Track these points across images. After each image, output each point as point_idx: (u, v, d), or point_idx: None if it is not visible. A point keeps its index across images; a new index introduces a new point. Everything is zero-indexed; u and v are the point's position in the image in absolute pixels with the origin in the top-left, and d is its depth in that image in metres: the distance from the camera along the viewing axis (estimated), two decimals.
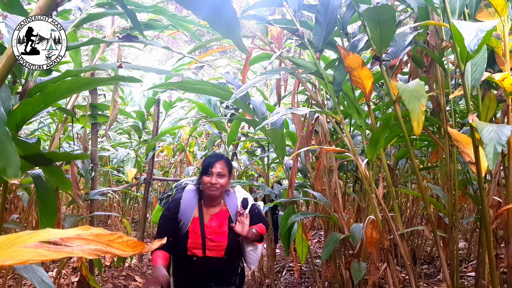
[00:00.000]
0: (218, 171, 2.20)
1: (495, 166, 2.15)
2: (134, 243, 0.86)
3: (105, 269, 4.70)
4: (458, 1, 1.87)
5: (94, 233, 0.86)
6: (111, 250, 0.84)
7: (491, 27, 1.35)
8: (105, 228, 6.68)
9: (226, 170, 2.24)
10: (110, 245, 0.84)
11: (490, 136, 1.40)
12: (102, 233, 0.87)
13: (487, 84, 2.31)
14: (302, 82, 2.76)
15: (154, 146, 5.03)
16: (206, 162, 2.26)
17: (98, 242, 0.83)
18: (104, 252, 0.84)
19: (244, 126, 5.16)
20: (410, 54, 2.46)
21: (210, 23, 1.08)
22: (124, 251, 0.86)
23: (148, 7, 1.68)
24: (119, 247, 0.85)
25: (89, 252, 0.80)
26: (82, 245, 0.81)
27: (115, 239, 0.85)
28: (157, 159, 7.46)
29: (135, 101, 5.29)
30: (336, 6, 2.27)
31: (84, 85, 1.59)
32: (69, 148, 3.81)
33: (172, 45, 15.66)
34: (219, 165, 2.21)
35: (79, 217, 3.20)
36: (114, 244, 0.84)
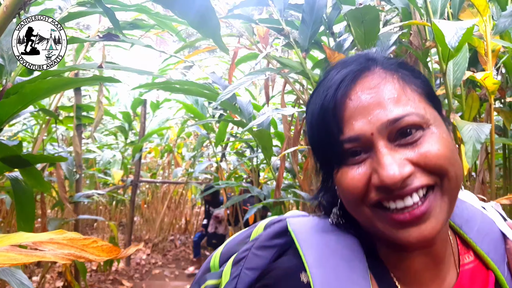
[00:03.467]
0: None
1: (480, 164, 2.17)
2: (109, 248, 0.84)
3: (91, 273, 4.64)
4: (439, 1, 1.88)
5: (68, 237, 0.84)
6: (85, 255, 0.82)
7: (471, 25, 1.36)
8: (91, 231, 6.61)
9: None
10: (84, 250, 0.82)
11: (469, 135, 1.42)
12: (76, 237, 0.85)
13: (472, 83, 2.33)
14: (288, 82, 2.76)
15: (141, 148, 4.99)
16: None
17: (72, 246, 0.81)
18: (77, 257, 0.82)
19: (233, 126, 5.15)
20: (395, 54, 2.47)
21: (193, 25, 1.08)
22: (99, 256, 0.85)
23: (129, 6, 1.66)
24: (93, 251, 0.83)
25: (61, 257, 0.78)
26: (55, 249, 0.79)
27: (89, 244, 0.84)
28: (145, 161, 7.40)
29: (121, 102, 5.24)
30: (321, 6, 2.27)
31: (64, 85, 1.56)
32: (53, 150, 3.76)
33: (161, 45, 15.57)
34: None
35: (63, 220, 3.15)
36: (88, 248, 0.83)
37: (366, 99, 0.59)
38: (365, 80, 0.61)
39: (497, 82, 1.82)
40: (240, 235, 0.80)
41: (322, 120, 0.61)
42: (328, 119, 0.60)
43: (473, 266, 0.66)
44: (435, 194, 0.58)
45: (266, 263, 0.68)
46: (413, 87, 0.62)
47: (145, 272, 5.11)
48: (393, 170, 0.55)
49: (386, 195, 0.57)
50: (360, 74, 0.62)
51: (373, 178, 0.58)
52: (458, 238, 0.70)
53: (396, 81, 0.61)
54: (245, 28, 2.99)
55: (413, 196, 0.57)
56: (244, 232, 0.80)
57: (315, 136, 0.65)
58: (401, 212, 0.57)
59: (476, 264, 0.67)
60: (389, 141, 0.58)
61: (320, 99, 0.63)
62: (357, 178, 0.59)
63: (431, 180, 0.58)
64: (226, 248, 0.79)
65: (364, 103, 0.59)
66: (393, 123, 0.57)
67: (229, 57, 3.50)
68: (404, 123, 0.57)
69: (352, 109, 0.59)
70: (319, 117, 0.62)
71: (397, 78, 0.61)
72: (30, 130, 4.27)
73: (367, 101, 0.59)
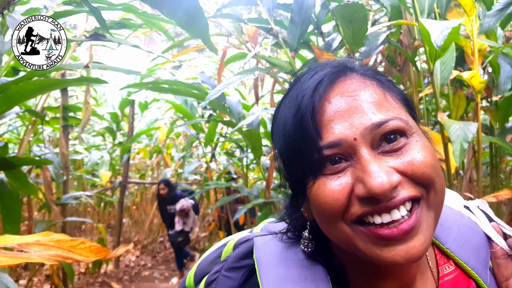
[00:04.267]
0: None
1: (467, 162, 2.19)
2: (97, 249, 0.83)
3: (80, 276, 4.59)
4: (426, 1, 1.90)
5: (54, 239, 0.83)
6: (72, 256, 0.81)
7: (456, 25, 1.37)
8: (79, 234, 6.54)
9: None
10: (71, 251, 0.81)
11: (457, 134, 1.43)
12: (63, 239, 0.84)
13: (459, 82, 2.36)
14: (278, 82, 2.75)
15: (129, 148, 4.95)
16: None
17: (59, 248, 0.80)
18: (65, 258, 0.81)
19: (223, 126, 5.14)
20: (385, 54, 2.48)
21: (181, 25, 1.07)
22: (87, 257, 0.83)
23: (116, 5, 1.64)
24: (81, 253, 0.81)
25: (48, 258, 0.77)
26: (42, 251, 0.78)
27: (77, 245, 0.82)
28: (133, 162, 7.34)
29: (109, 102, 5.19)
30: (310, 5, 2.27)
31: (50, 86, 1.53)
32: (39, 151, 3.70)
33: (149, 45, 15.48)
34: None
35: (50, 222, 3.11)
36: (76, 250, 0.81)
37: (347, 102, 0.54)
38: (344, 83, 0.57)
39: (484, 81, 1.85)
40: (211, 255, 0.78)
41: (298, 125, 0.55)
42: (305, 123, 0.54)
43: (454, 277, 0.64)
44: (421, 207, 0.54)
45: (235, 285, 0.65)
46: (393, 94, 0.58)
47: (134, 274, 5.07)
48: (381, 178, 0.50)
49: (372, 207, 0.52)
50: (338, 77, 0.57)
51: (356, 189, 0.52)
52: (436, 248, 0.66)
53: (375, 86, 0.57)
54: (234, 28, 2.98)
55: (400, 209, 0.52)
56: (215, 251, 0.79)
57: (288, 146, 0.58)
58: (387, 226, 0.52)
59: (457, 274, 0.64)
60: (372, 148, 0.53)
61: (294, 104, 0.57)
62: (338, 190, 0.53)
63: (417, 191, 0.53)
64: (199, 268, 0.78)
65: (345, 106, 0.54)
66: (377, 127, 0.53)
67: (218, 57, 3.48)
68: (389, 127, 0.53)
69: (332, 113, 0.54)
70: (293, 123, 0.56)
71: (376, 84, 0.58)
72: (16, 132, 4.20)
73: (349, 104, 0.54)
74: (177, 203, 4.96)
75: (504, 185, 2.67)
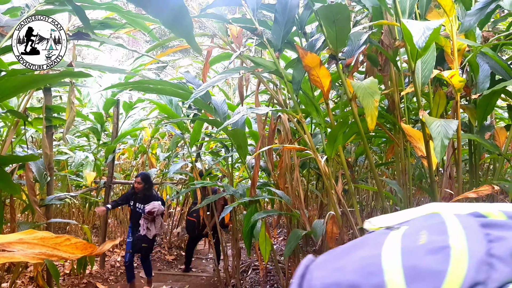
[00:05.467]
0: None
1: (447, 159, 2.25)
2: (83, 245, 0.83)
3: (64, 277, 4.53)
4: (408, 1, 1.94)
5: (38, 237, 0.83)
6: (57, 253, 0.81)
7: (437, 25, 1.41)
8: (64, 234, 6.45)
9: None
10: (56, 248, 0.80)
11: (438, 131, 1.47)
12: (47, 236, 0.84)
13: (439, 81, 2.41)
14: (262, 82, 2.77)
15: (114, 149, 4.91)
16: None
17: (43, 245, 0.80)
18: (49, 256, 0.81)
19: (208, 126, 5.13)
20: (366, 53, 2.53)
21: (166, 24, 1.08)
22: (73, 254, 0.83)
23: (100, 4, 1.64)
24: (67, 250, 0.81)
25: (32, 256, 0.77)
26: (25, 249, 0.78)
27: (62, 242, 0.82)
28: (118, 162, 7.28)
29: (93, 103, 5.14)
30: (294, 6, 2.30)
31: (31, 83, 1.52)
32: (22, 152, 3.65)
33: (133, 45, 15.33)
34: None
35: (34, 224, 3.07)
36: (61, 247, 0.81)
37: None
38: None
39: (463, 80, 1.90)
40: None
41: None
42: None
43: None
44: None
45: None
46: None
47: (120, 274, 5.03)
48: None
49: None
50: None
51: None
52: None
53: None
54: (219, 28, 2.99)
55: None
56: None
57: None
58: None
59: None
60: None
61: None
62: None
63: None
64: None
65: None
66: None
67: (203, 57, 3.49)
68: None
69: None
70: None
71: None
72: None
73: None
74: (148, 204, 4.34)
75: (483, 181, 2.74)
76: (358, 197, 4.59)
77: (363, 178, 4.42)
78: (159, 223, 4.45)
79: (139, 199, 4.41)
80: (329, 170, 2.30)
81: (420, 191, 3.77)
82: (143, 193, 4.38)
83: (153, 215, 4.31)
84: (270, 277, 4.43)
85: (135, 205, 4.44)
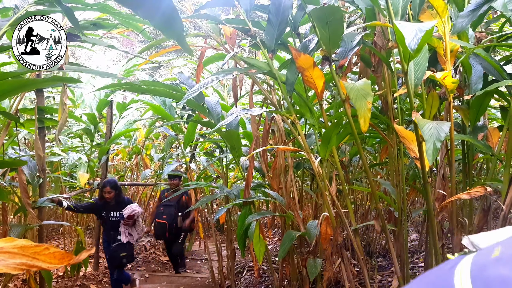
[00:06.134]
0: None
1: (440, 160, 2.25)
2: (61, 255, 0.82)
3: (58, 279, 4.50)
4: (400, 3, 1.94)
5: (18, 245, 0.82)
6: (37, 264, 0.80)
7: (430, 27, 1.41)
8: (58, 236, 6.41)
9: None
10: (36, 258, 0.79)
11: (430, 133, 1.47)
12: (27, 245, 0.83)
13: (432, 82, 2.42)
14: (256, 83, 2.77)
15: (108, 150, 4.88)
16: None
17: (23, 255, 0.78)
18: (30, 266, 0.80)
19: (202, 127, 5.12)
20: (359, 54, 2.53)
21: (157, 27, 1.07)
22: (51, 264, 0.82)
23: (91, 5, 1.62)
24: (45, 259, 0.80)
25: (13, 267, 0.75)
26: (6, 259, 0.76)
27: (41, 251, 0.81)
28: (112, 163, 7.25)
29: (86, 103, 5.11)
30: (287, 7, 2.29)
31: (22, 87, 1.51)
32: (15, 154, 3.62)
33: (127, 46, 15.27)
34: None
35: (27, 226, 3.04)
36: (40, 256, 0.80)
37: None
38: None
39: (456, 81, 1.90)
40: None
41: None
42: None
43: None
44: None
45: None
46: None
47: None
48: None
49: None
50: None
51: None
52: None
53: None
54: (212, 29, 2.98)
55: None
56: None
57: None
58: None
59: None
60: None
61: None
62: None
63: None
64: None
65: None
66: None
67: (197, 57, 3.47)
68: None
69: None
70: None
71: None
72: None
73: None
74: (125, 209, 4.06)
75: (476, 181, 2.75)
76: (352, 197, 4.60)
77: (357, 178, 4.42)
78: (140, 226, 4.24)
79: (112, 207, 4.15)
80: (323, 171, 2.30)
81: (414, 191, 3.78)
82: (115, 200, 4.15)
83: (134, 219, 4.06)
84: (264, 278, 4.43)
85: (107, 214, 4.16)
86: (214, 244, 4.53)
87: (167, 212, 5.05)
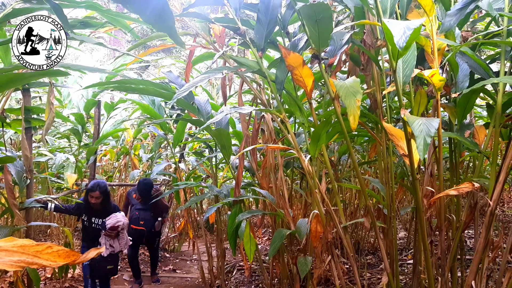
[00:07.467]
0: None
1: (428, 157, 2.28)
2: (65, 253, 0.81)
3: (46, 281, 4.44)
4: (388, 2, 1.96)
5: (18, 244, 0.81)
6: (38, 261, 0.79)
7: (418, 25, 1.43)
8: (45, 238, 6.33)
9: None
10: (37, 256, 0.78)
11: (420, 129, 1.48)
12: (28, 244, 0.82)
13: (419, 80, 2.44)
14: (246, 81, 2.76)
15: (96, 150, 4.84)
16: None
17: (23, 253, 0.77)
18: (29, 264, 0.79)
19: (192, 127, 5.10)
20: (349, 53, 2.54)
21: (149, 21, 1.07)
22: (55, 262, 0.81)
23: (79, 3, 1.60)
24: (48, 258, 0.79)
25: (10, 264, 0.74)
26: (3, 257, 0.75)
27: (43, 250, 0.80)
28: (100, 164, 7.18)
29: (74, 103, 5.05)
30: (276, 5, 2.30)
31: (7, 83, 1.48)
32: (1, 154, 3.56)
33: (114, 46, 15.12)
34: None
35: (13, 228, 2.99)
36: (42, 255, 0.79)
37: None
38: None
39: (443, 79, 1.93)
40: None
41: None
42: None
43: None
44: None
45: None
46: None
47: None
48: None
49: None
50: None
51: None
52: None
53: None
54: (201, 27, 2.97)
55: None
56: None
57: None
58: None
59: None
60: None
61: None
62: None
63: None
64: None
65: None
66: None
67: (185, 56, 3.46)
68: None
69: None
70: None
71: None
72: None
73: None
74: (109, 218, 3.61)
75: (463, 178, 2.79)
76: (342, 195, 4.63)
77: (346, 177, 4.45)
78: (124, 239, 3.71)
79: (96, 213, 3.71)
80: (313, 169, 2.31)
81: (402, 189, 3.82)
82: (101, 206, 3.67)
83: (117, 230, 3.59)
84: (255, 277, 4.43)
85: (90, 220, 3.73)
86: (204, 244, 4.51)
87: (144, 217, 4.67)
